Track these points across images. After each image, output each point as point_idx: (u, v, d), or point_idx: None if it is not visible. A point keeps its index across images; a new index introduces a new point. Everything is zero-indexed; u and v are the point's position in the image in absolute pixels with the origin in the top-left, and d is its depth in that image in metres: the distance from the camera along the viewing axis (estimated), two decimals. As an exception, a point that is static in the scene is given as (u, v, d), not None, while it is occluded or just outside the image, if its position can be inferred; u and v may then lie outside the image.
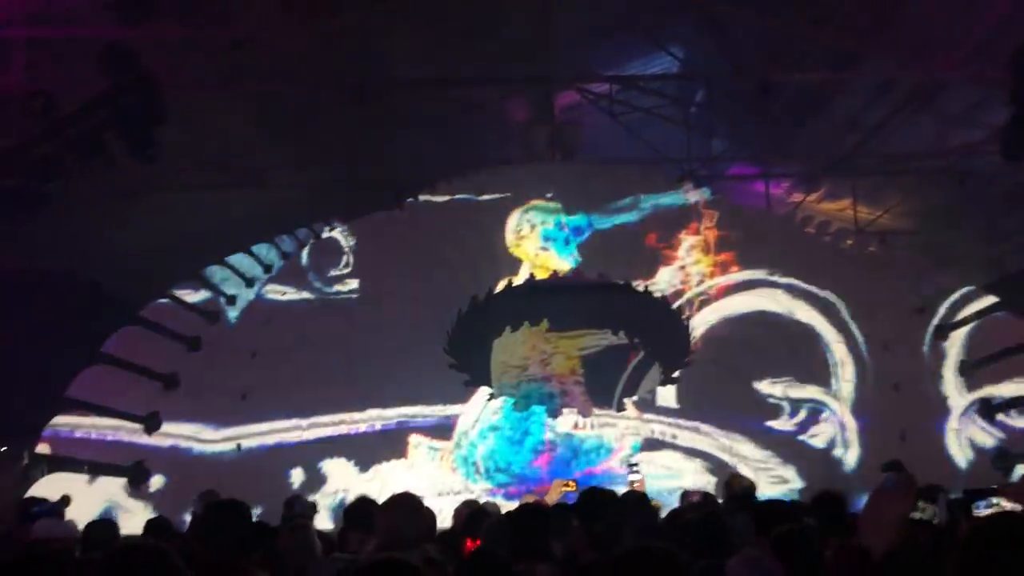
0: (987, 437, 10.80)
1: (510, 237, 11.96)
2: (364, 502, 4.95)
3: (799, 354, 11.23)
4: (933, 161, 11.85)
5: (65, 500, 9.85)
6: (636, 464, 9.23)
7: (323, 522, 8.90)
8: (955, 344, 11.19)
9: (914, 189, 12.53)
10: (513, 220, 12.01)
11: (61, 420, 10.66)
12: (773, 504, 5.19)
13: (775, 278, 11.58)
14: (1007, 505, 4.00)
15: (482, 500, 7.67)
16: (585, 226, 11.99)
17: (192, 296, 11.66)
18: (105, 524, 6.00)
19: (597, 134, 13.08)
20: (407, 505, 4.03)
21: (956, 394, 11.02)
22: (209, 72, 10.31)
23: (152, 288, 11.41)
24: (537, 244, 11.98)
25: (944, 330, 11.20)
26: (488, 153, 12.84)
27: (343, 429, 10.97)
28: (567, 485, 8.04)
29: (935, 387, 10.99)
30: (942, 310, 11.31)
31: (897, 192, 12.76)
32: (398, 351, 11.02)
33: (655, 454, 10.78)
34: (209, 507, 4.71)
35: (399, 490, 4.26)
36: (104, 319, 10.94)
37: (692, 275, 11.72)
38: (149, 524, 5.99)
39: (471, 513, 5.61)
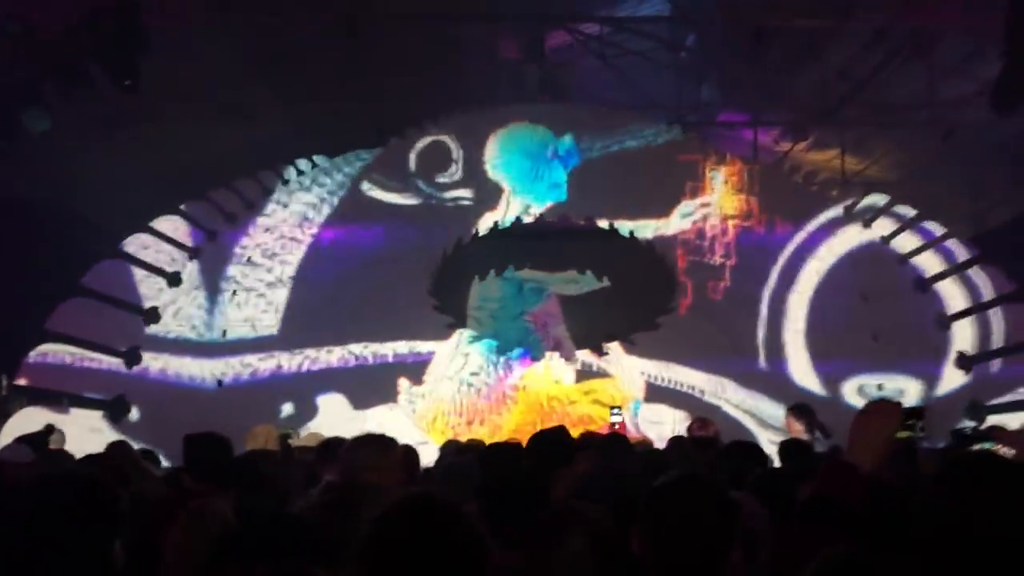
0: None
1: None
2: (337, 440, 4.98)
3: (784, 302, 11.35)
4: (922, 113, 11.80)
5: (49, 429, 9.84)
6: (618, 407, 9.31)
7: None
8: (936, 297, 11.29)
9: (902, 141, 12.50)
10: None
11: (41, 351, 10.62)
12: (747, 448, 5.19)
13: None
14: (1003, 450, 4.01)
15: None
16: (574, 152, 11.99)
17: (173, 230, 11.54)
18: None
19: (588, 77, 12.95)
20: (376, 443, 3.98)
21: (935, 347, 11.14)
22: (194, 1, 10.10)
23: (134, 221, 11.29)
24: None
25: (924, 283, 11.27)
26: (478, 93, 12.69)
27: (328, 364, 11.04)
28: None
29: (915, 338, 11.10)
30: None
31: (885, 144, 12.72)
32: (386, 290, 11.07)
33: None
34: (187, 440, 4.70)
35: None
36: (85, 251, 10.85)
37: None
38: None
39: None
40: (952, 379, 10.98)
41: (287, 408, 10.64)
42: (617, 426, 8.44)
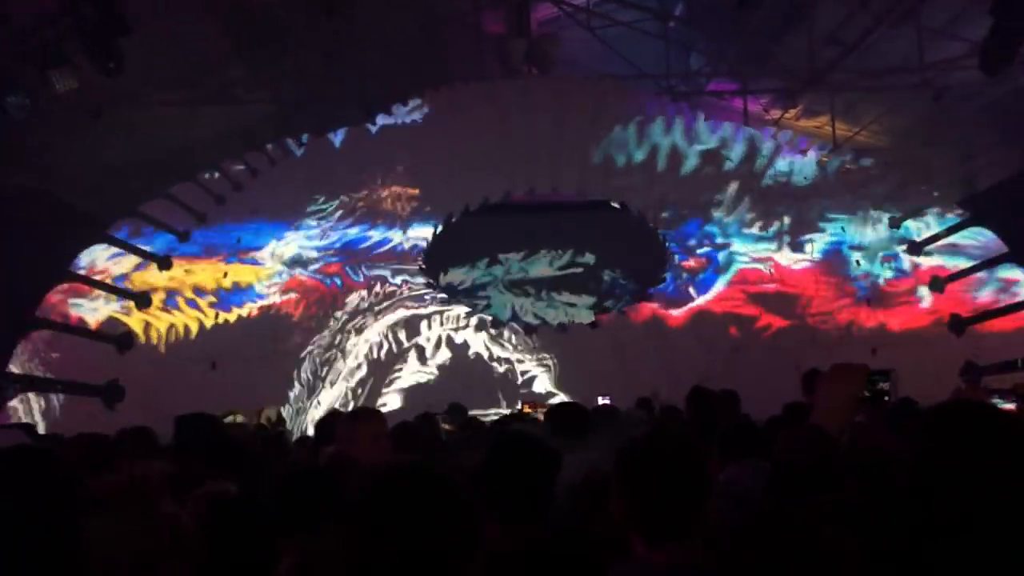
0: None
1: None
2: (334, 416, 4.95)
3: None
4: (911, 77, 11.69)
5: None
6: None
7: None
8: (929, 260, 11.28)
9: (892, 106, 12.40)
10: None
11: (32, 338, 10.58)
12: None
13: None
14: None
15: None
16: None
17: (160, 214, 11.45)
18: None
19: (575, 49, 12.81)
20: (368, 416, 3.98)
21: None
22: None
23: (120, 206, 11.19)
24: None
25: (917, 246, 11.25)
26: (463, 68, 12.57)
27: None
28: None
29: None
30: (915, 226, 11.36)
31: (875, 109, 12.63)
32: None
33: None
34: (178, 421, 4.66)
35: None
36: (72, 237, 10.76)
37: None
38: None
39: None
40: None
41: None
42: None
